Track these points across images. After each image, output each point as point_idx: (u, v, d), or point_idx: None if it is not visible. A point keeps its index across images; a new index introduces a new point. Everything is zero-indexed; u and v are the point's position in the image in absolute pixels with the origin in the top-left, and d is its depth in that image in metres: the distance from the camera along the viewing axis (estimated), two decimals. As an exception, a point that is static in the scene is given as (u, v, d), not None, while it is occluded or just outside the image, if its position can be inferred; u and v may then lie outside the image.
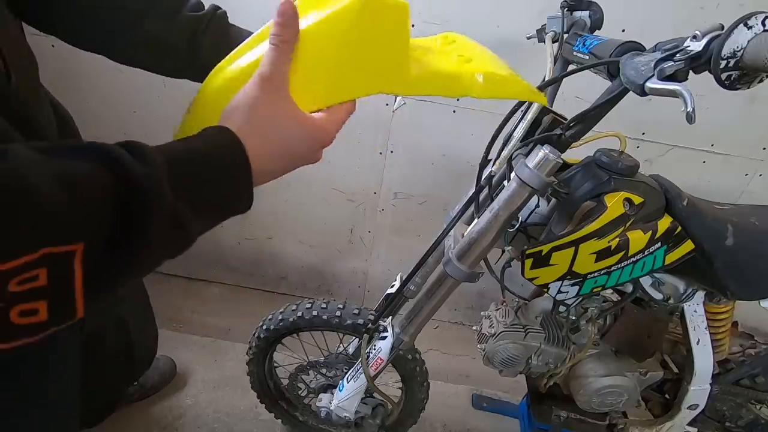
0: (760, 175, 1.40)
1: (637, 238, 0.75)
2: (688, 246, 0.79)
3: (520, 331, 0.96)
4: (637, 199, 0.75)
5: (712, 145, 1.36)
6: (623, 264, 0.77)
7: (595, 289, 0.80)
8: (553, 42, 0.83)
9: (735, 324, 1.05)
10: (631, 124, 1.32)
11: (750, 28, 0.47)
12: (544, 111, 0.75)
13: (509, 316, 0.99)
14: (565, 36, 0.81)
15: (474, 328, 1.04)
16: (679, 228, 0.78)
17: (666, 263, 0.79)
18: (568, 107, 0.77)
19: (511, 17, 1.20)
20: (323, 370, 1.12)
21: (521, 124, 0.75)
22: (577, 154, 0.79)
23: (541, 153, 0.67)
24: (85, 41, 0.59)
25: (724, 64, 0.49)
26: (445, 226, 0.86)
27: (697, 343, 0.95)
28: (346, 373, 1.00)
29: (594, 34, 0.81)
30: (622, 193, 0.75)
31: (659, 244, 0.77)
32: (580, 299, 0.84)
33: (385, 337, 0.91)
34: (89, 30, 0.57)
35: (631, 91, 0.59)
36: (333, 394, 1.03)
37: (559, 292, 0.79)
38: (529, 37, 0.95)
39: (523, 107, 0.79)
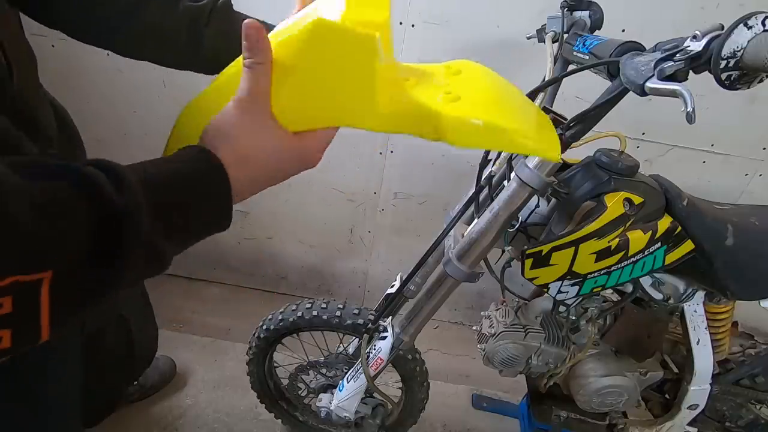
0: (760, 175, 1.40)
1: (637, 238, 0.75)
2: (688, 246, 0.80)
3: (520, 331, 0.96)
4: (637, 199, 0.75)
5: (712, 145, 1.36)
6: (623, 264, 0.77)
7: (595, 289, 0.80)
8: (553, 42, 0.83)
9: (735, 324, 1.05)
10: (631, 124, 1.32)
11: (750, 28, 0.47)
12: (544, 111, 0.75)
13: (509, 316, 0.99)
14: (565, 36, 0.81)
15: (474, 328, 1.04)
16: (679, 228, 0.78)
17: (666, 263, 0.79)
18: (568, 107, 0.77)
19: (511, 17, 1.20)
20: (323, 370, 1.12)
21: (521, 124, 0.75)
22: (577, 154, 0.79)
23: (542, 153, 0.67)
24: (86, 33, 0.59)
25: (724, 64, 0.49)
26: (445, 226, 0.86)
27: (697, 343, 0.95)
28: (346, 373, 1.00)
29: (594, 34, 0.81)
30: (622, 193, 0.75)
31: (659, 244, 0.77)
32: (580, 299, 0.84)
33: (385, 337, 0.91)
34: (90, 21, 0.57)
35: (631, 91, 0.59)
36: (333, 394, 1.03)
37: (559, 292, 0.79)
38: (529, 37, 0.95)
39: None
